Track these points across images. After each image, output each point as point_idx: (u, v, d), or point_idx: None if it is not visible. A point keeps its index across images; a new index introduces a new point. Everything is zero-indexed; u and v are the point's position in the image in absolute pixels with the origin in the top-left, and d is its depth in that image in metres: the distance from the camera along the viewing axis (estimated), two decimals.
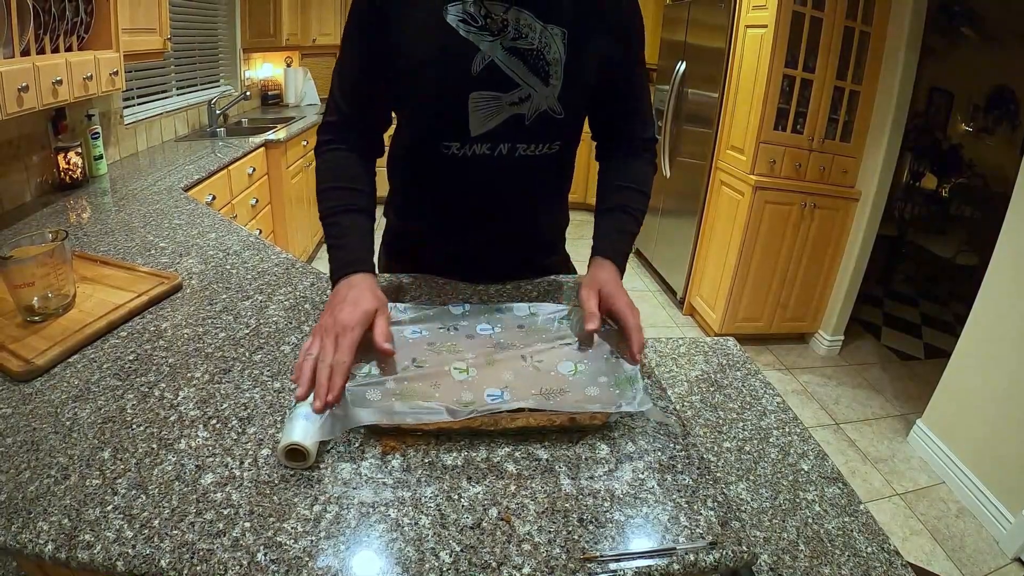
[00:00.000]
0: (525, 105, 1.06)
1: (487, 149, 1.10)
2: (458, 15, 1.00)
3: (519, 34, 1.01)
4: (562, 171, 1.24)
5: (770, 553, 0.95)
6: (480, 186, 1.16)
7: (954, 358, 2.62)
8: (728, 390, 1.39)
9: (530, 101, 1.06)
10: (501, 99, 1.05)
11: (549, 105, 1.07)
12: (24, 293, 1.09)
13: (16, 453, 0.79)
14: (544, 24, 1.01)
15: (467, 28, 1.00)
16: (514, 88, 1.04)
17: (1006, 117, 4.52)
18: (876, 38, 3.09)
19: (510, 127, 1.07)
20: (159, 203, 2.10)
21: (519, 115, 1.06)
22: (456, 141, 1.09)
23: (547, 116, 1.07)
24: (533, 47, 1.02)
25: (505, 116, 1.06)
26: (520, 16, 1.00)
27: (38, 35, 1.84)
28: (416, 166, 1.21)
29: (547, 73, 1.04)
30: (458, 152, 1.10)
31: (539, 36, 1.02)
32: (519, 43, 1.01)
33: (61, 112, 2.31)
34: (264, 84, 5.06)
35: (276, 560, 0.65)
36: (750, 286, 3.48)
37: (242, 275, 1.41)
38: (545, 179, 1.21)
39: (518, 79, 1.03)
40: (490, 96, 1.04)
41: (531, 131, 1.08)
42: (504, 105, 1.05)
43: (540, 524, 0.71)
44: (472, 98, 1.04)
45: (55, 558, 0.65)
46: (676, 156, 4.15)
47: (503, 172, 1.12)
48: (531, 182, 1.18)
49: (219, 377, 0.98)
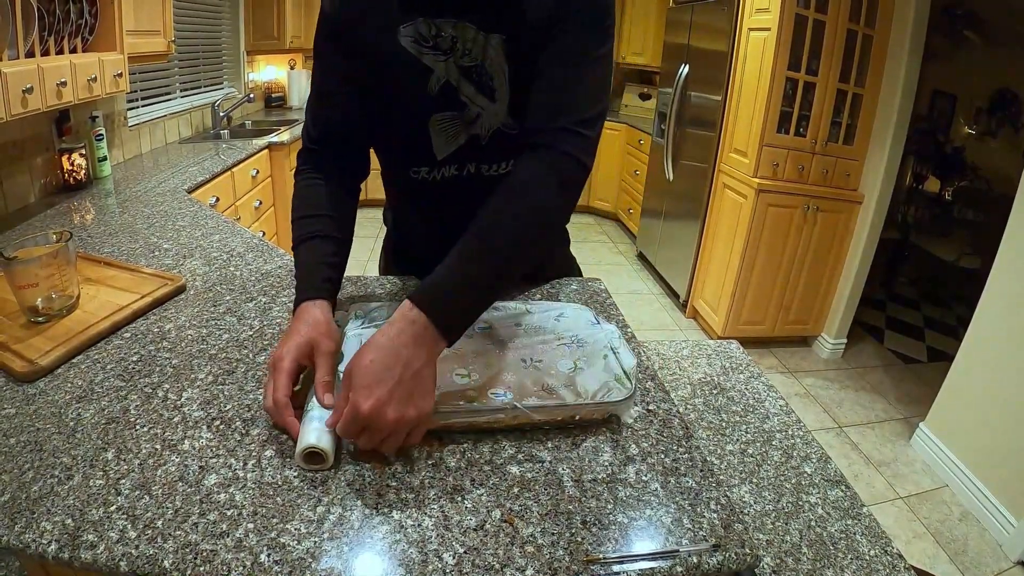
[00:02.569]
0: (478, 125, 1.01)
1: (455, 171, 1.06)
2: (411, 36, 0.95)
3: (465, 50, 0.95)
4: None
5: (773, 556, 0.95)
6: (458, 208, 0.97)
7: (957, 361, 2.61)
8: (731, 393, 1.39)
9: (480, 120, 1.01)
10: (459, 118, 1.01)
11: (502, 122, 1.01)
12: (28, 294, 1.10)
13: (20, 453, 0.79)
14: (486, 34, 0.95)
15: (419, 49, 0.95)
16: (465, 108, 1.00)
17: (1009, 120, 4.51)
18: (879, 41, 3.09)
19: (471, 147, 1.04)
20: (163, 205, 2.10)
21: (475, 135, 1.02)
22: (425, 166, 1.06)
23: (502, 133, 1.02)
24: (476, 63, 0.97)
25: (465, 137, 1.03)
26: (464, 30, 0.94)
27: (43, 37, 1.85)
28: (395, 188, 1.19)
29: (492, 88, 0.98)
30: (427, 176, 1.07)
31: (481, 49, 0.96)
32: (464, 60, 0.96)
33: (65, 114, 2.31)
34: (268, 86, 5.07)
35: (279, 561, 0.65)
36: (753, 289, 3.48)
37: (246, 277, 1.41)
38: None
39: (468, 98, 0.99)
40: (450, 116, 1.00)
41: (488, 151, 1.04)
42: (462, 125, 1.01)
43: (543, 526, 0.71)
44: (433, 120, 1.00)
45: (58, 558, 0.65)
46: (679, 159, 4.15)
47: (476, 193, 0.94)
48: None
49: (223, 378, 0.98)
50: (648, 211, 4.77)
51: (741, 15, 3.34)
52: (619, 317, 1.26)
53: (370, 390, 0.72)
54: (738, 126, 3.43)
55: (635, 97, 5.90)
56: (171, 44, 2.81)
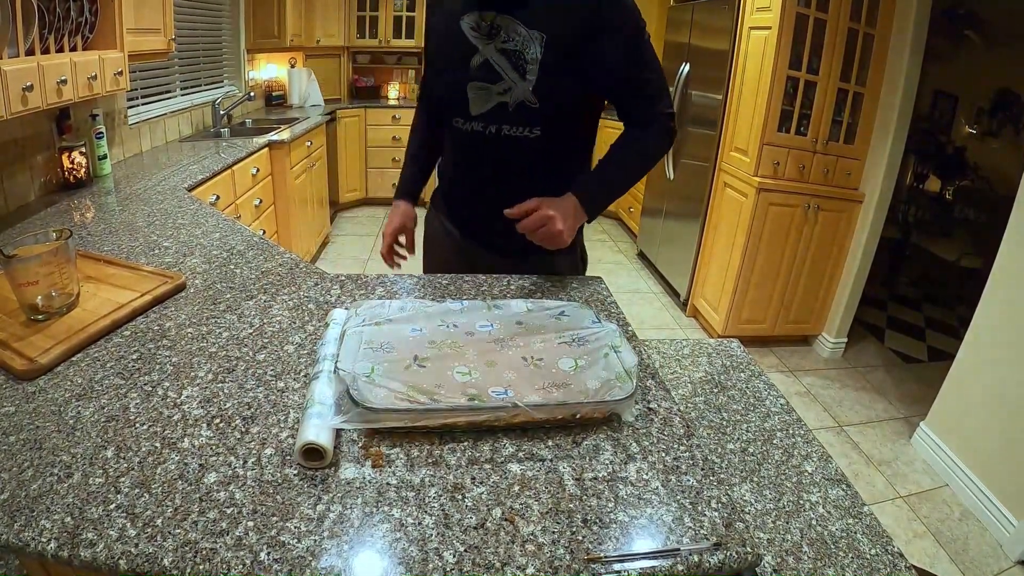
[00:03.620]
0: (508, 95, 1.29)
1: (480, 127, 1.35)
2: (469, 23, 1.29)
3: (508, 38, 1.25)
4: (550, 157, 1.38)
5: (774, 555, 0.95)
6: (479, 157, 1.42)
7: (958, 361, 2.61)
8: (732, 391, 1.39)
9: (511, 92, 1.28)
10: (491, 89, 1.30)
11: (526, 97, 1.28)
12: (28, 292, 1.10)
13: (19, 451, 0.79)
14: (528, 29, 1.24)
15: (473, 34, 1.28)
16: (500, 81, 1.28)
17: (1010, 120, 4.51)
18: (880, 40, 3.08)
19: (497, 111, 1.31)
20: (163, 203, 2.10)
21: (504, 103, 1.30)
22: (461, 118, 1.37)
23: (525, 105, 1.29)
24: (516, 49, 1.25)
25: (494, 103, 1.31)
26: (510, 23, 1.25)
27: (43, 35, 1.85)
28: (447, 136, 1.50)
29: (524, 70, 1.26)
30: (462, 127, 1.38)
31: (523, 40, 1.25)
32: (507, 45, 1.26)
33: (65, 112, 2.31)
34: (268, 85, 5.07)
35: (279, 560, 0.65)
36: (753, 288, 3.47)
37: (246, 275, 1.41)
38: (532, 160, 1.38)
39: (503, 74, 1.28)
40: (482, 86, 1.30)
41: (512, 116, 1.31)
42: (493, 94, 1.30)
43: (544, 524, 0.71)
44: (470, 87, 1.31)
45: (58, 556, 0.65)
46: (680, 158, 4.15)
47: (493, 147, 1.36)
48: (517, 160, 1.38)
49: (223, 376, 0.98)
50: (649, 210, 4.77)
51: (742, 14, 3.34)
52: (620, 316, 1.26)
53: (554, 208, 1.24)
54: (739, 125, 3.42)
55: None
56: (171, 42, 2.81)
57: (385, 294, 1.32)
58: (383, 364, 0.91)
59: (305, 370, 1.01)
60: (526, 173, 1.40)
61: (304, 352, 1.07)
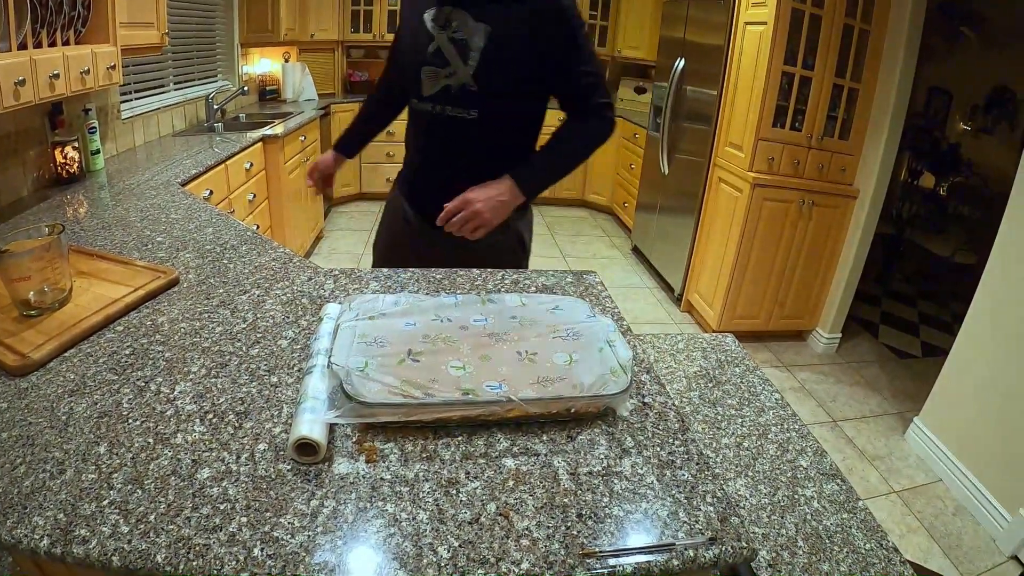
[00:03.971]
0: (453, 79, 1.45)
1: (429, 107, 1.51)
2: (429, 16, 1.47)
3: (458, 28, 1.42)
4: (488, 138, 1.51)
5: (769, 550, 0.95)
6: (428, 134, 1.58)
7: (951, 356, 2.62)
8: (727, 386, 1.39)
9: (455, 76, 1.45)
10: (439, 72, 1.47)
11: (467, 80, 1.43)
12: (20, 287, 1.09)
13: (11, 448, 0.79)
14: (475, 22, 1.41)
15: (431, 24, 1.46)
16: (447, 66, 1.45)
17: (1005, 117, 4.52)
18: (875, 36, 3.08)
19: (443, 93, 1.48)
20: (156, 198, 2.09)
21: (448, 85, 1.46)
22: (415, 98, 1.55)
23: (465, 89, 1.44)
24: (463, 38, 1.42)
25: (441, 85, 1.47)
26: (462, 15, 1.42)
27: (35, 29, 1.83)
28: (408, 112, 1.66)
29: (468, 57, 1.42)
30: (416, 106, 1.57)
31: (470, 30, 1.41)
32: (456, 35, 1.42)
33: (58, 106, 2.29)
34: (262, 79, 5.04)
35: (273, 555, 0.65)
36: (748, 283, 3.48)
37: (239, 270, 1.41)
38: (471, 140, 1.51)
39: (450, 60, 1.44)
40: (433, 70, 1.48)
41: (454, 98, 1.47)
42: (440, 77, 1.47)
43: (539, 519, 0.71)
44: (423, 70, 1.49)
45: (50, 553, 0.65)
46: (674, 153, 4.15)
47: (439, 125, 1.51)
48: (459, 139, 1.52)
49: (216, 371, 0.98)
50: (643, 205, 4.77)
51: (737, 9, 3.33)
52: (614, 310, 1.26)
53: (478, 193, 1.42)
54: (734, 120, 3.42)
55: (631, 91, 5.89)
56: (165, 36, 2.79)
57: (379, 288, 1.31)
58: (377, 358, 0.90)
59: (298, 365, 1.00)
60: (467, 153, 1.54)
61: (297, 347, 1.06)
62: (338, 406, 0.82)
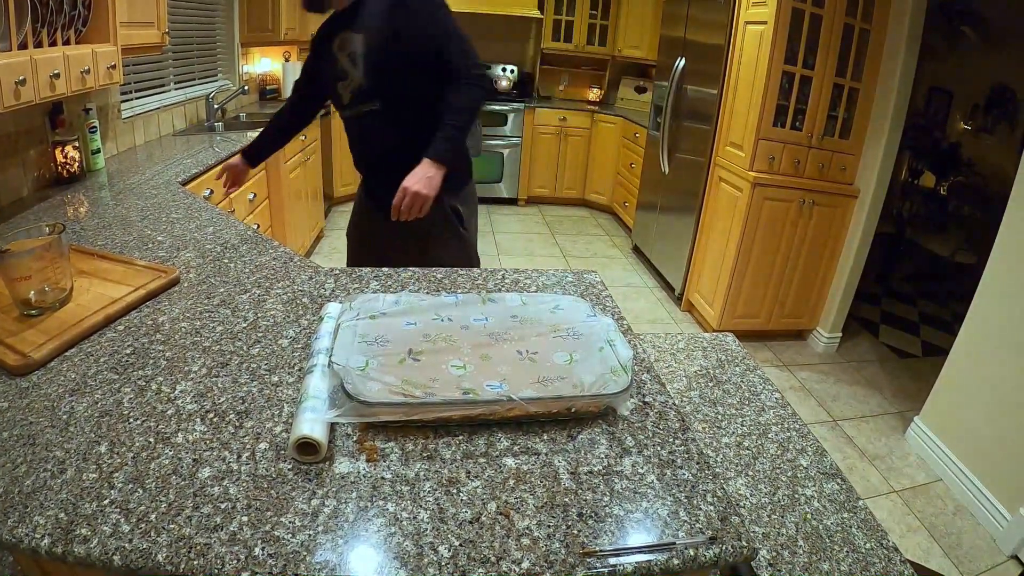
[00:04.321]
0: (354, 84, 1.77)
1: (349, 113, 1.84)
2: (335, 42, 1.79)
3: (350, 47, 1.74)
4: (397, 123, 1.79)
5: (769, 549, 0.95)
6: (357, 135, 1.91)
7: (952, 356, 2.62)
8: (727, 386, 1.39)
9: (355, 82, 1.77)
10: (346, 84, 1.79)
11: (362, 82, 1.76)
12: (21, 287, 1.09)
13: (12, 447, 0.79)
14: (355, 34, 1.73)
15: (337, 50, 1.79)
16: (348, 77, 1.78)
17: (1005, 116, 4.51)
18: (876, 36, 3.08)
19: (354, 99, 1.80)
20: (157, 197, 2.09)
21: (353, 90, 1.78)
22: (339, 109, 1.87)
23: (363, 88, 1.77)
24: (352, 51, 1.74)
25: (350, 92, 1.80)
26: (350, 35, 1.74)
27: (36, 28, 1.83)
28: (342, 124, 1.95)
29: (356, 63, 1.74)
30: (342, 114, 1.88)
31: (354, 43, 1.73)
32: (348, 50, 1.75)
33: (59, 106, 2.29)
34: (262, 79, 5.04)
35: (274, 555, 0.65)
36: (748, 283, 3.48)
37: (240, 269, 1.41)
38: (386, 126, 1.80)
39: (348, 71, 1.77)
40: (342, 84, 1.80)
41: (359, 98, 1.79)
42: (348, 87, 1.79)
43: (539, 519, 0.71)
44: (337, 86, 1.82)
45: (51, 552, 0.65)
46: (675, 152, 4.15)
47: (359, 124, 1.86)
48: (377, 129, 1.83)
49: (216, 371, 0.98)
50: (644, 204, 4.77)
51: (738, 8, 3.33)
52: (615, 310, 1.26)
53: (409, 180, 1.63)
54: (734, 120, 3.42)
55: (631, 90, 5.89)
56: (165, 36, 2.79)
57: (380, 288, 1.31)
58: (377, 358, 0.90)
59: (299, 364, 1.00)
60: (387, 139, 1.83)
61: (298, 346, 1.06)
62: (339, 405, 0.82)
